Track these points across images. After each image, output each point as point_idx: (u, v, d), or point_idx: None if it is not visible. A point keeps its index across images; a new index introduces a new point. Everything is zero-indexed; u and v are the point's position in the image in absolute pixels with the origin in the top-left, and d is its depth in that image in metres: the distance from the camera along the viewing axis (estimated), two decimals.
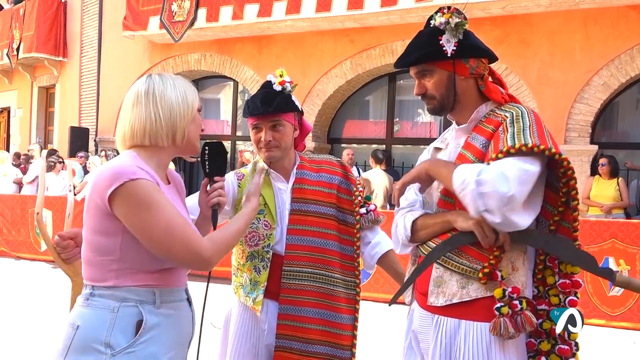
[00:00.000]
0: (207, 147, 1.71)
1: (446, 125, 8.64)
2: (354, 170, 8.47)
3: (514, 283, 1.64)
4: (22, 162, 10.65)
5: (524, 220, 1.53)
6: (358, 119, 10.08)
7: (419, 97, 1.84)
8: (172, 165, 8.61)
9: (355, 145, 9.77)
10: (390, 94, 9.59)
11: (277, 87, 2.09)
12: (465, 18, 1.79)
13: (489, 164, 1.55)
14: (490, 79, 1.84)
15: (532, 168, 1.52)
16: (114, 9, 11.32)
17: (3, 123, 15.81)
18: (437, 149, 1.93)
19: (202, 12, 9.59)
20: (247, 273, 2.08)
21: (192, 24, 9.66)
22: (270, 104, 2.05)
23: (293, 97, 2.14)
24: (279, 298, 2.03)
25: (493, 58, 1.84)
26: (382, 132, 9.75)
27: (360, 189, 2.19)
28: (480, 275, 1.63)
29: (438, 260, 1.72)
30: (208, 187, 1.70)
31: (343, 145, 9.85)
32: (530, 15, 7.79)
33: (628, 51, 7.29)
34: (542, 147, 1.53)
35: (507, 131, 1.61)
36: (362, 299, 2.19)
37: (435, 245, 1.74)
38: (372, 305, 5.34)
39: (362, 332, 2.22)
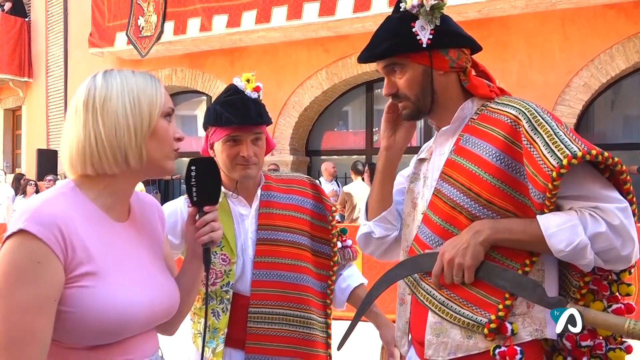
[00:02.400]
0: (193, 166, 1.25)
1: (427, 131, 8.41)
2: (333, 185, 8.30)
3: (531, 323, 1.34)
4: None
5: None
6: (336, 129, 9.82)
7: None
8: (140, 186, 8.23)
9: (334, 156, 9.49)
10: (368, 103, 9.36)
11: (252, 94, 1.77)
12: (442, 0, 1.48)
13: (550, 196, 1.28)
14: (473, 72, 1.54)
15: (617, 195, 1.31)
16: (80, 26, 10.92)
17: None
18: (422, 161, 1.63)
19: (170, 25, 9.26)
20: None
21: (159, 37, 9.32)
22: (260, 114, 1.75)
23: None
24: (245, 346, 1.71)
25: (476, 47, 1.54)
26: (362, 143, 9.49)
27: (337, 217, 1.89)
28: (486, 331, 1.33)
29: (433, 309, 1.41)
30: (197, 217, 1.27)
31: (322, 157, 9.57)
32: (507, 17, 7.62)
33: (607, 50, 7.15)
34: (593, 152, 1.27)
35: (536, 142, 1.31)
36: (339, 319, 1.88)
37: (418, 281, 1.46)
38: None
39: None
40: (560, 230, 1.27)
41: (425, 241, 1.46)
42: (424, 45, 1.44)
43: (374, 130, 9.40)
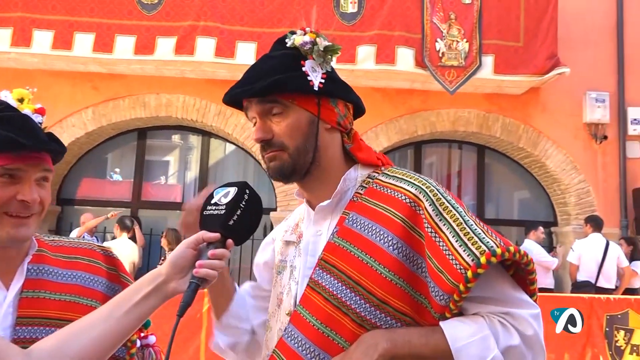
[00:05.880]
0: (248, 191, 1.13)
1: (200, 189, 8.00)
2: (93, 241, 7.20)
3: None
4: None
5: None
6: (98, 177, 8.73)
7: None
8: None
9: (92, 207, 8.34)
10: (139, 152, 8.57)
11: (35, 117, 1.28)
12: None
13: (458, 299, 1.07)
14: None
15: (528, 298, 1.16)
16: None
17: None
18: (288, 243, 1.31)
19: None
20: None
21: None
22: (58, 142, 1.31)
23: None
24: None
25: (361, 110, 1.35)
26: (128, 194, 8.58)
27: None
28: None
29: None
30: (205, 245, 1.07)
31: (76, 207, 8.35)
32: None
33: (373, 128, 7.90)
34: (511, 249, 1.08)
35: (443, 232, 1.10)
36: None
37: None
38: None
39: None
40: (470, 343, 1.07)
41: (293, 347, 1.12)
42: (315, 89, 1.20)
43: (142, 182, 8.60)
